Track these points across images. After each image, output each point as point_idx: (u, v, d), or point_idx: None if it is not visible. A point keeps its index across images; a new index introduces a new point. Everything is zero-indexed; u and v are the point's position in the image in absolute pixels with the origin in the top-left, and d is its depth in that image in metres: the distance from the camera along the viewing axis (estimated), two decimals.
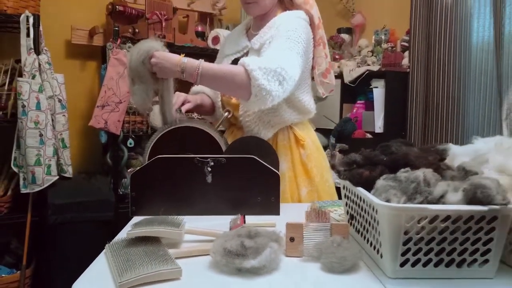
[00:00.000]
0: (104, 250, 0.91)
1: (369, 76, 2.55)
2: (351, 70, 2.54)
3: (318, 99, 2.69)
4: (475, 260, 0.78)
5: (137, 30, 2.29)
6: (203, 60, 1.25)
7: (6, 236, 2.33)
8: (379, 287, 0.76)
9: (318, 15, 1.50)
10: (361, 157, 0.99)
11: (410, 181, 0.82)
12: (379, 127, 2.44)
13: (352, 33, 3.11)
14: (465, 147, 1.05)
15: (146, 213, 1.16)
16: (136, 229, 0.91)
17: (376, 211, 0.80)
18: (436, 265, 0.78)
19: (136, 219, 1.12)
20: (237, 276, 0.79)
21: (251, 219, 1.10)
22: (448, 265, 0.78)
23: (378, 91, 2.43)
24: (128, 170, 2.53)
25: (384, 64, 2.51)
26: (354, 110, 2.67)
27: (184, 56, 1.25)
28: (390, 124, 2.48)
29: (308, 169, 1.47)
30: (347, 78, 2.59)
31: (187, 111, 1.50)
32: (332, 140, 2.49)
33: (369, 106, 2.55)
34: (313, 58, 1.49)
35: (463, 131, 2.27)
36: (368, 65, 2.58)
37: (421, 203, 0.78)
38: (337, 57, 2.92)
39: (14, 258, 2.28)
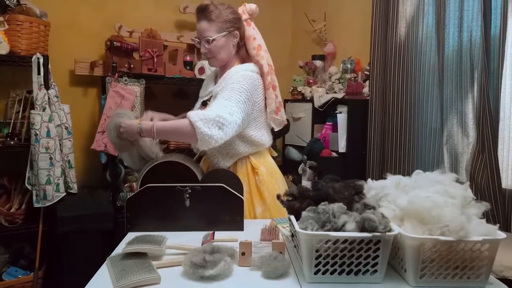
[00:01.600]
0: (105, 262, 1.17)
1: (335, 102, 2.72)
2: (320, 96, 2.73)
3: (293, 119, 2.97)
4: (367, 270, 1.03)
5: (132, 65, 2.47)
6: (156, 120, 1.59)
7: (20, 243, 2.49)
8: None
9: (269, 63, 1.70)
10: (297, 191, 1.24)
11: (325, 213, 1.07)
12: (342, 147, 2.63)
13: (325, 60, 3.22)
14: (377, 182, 1.30)
15: (138, 230, 1.38)
16: (129, 246, 1.17)
17: (298, 234, 1.06)
18: (340, 273, 1.02)
19: (130, 234, 1.35)
20: (200, 282, 1.04)
21: (220, 234, 1.34)
22: (348, 273, 1.03)
23: (342, 116, 2.61)
24: (125, 185, 2.70)
25: (348, 93, 2.68)
26: (323, 131, 2.84)
27: (141, 121, 1.54)
28: (352, 145, 2.64)
29: (261, 192, 1.69)
30: (317, 103, 2.78)
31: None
32: (304, 157, 2.70)
33: (336, 127, 2.70)
34: (265, 99, 1.70)
35: (414, 152, 2.43)
36: (335, 92, 2.74)
37: (329, 230, 1.03)
38: (311, 81, 3.06)
39: (27, 262, 2.44)
